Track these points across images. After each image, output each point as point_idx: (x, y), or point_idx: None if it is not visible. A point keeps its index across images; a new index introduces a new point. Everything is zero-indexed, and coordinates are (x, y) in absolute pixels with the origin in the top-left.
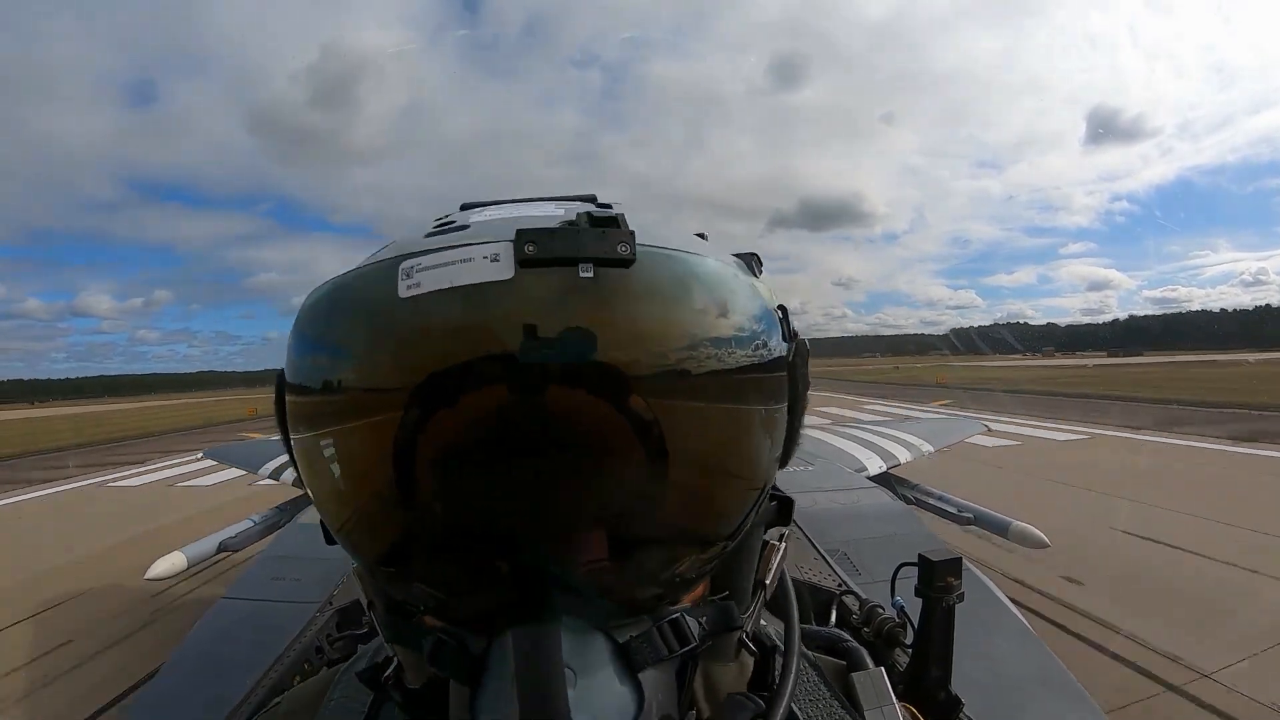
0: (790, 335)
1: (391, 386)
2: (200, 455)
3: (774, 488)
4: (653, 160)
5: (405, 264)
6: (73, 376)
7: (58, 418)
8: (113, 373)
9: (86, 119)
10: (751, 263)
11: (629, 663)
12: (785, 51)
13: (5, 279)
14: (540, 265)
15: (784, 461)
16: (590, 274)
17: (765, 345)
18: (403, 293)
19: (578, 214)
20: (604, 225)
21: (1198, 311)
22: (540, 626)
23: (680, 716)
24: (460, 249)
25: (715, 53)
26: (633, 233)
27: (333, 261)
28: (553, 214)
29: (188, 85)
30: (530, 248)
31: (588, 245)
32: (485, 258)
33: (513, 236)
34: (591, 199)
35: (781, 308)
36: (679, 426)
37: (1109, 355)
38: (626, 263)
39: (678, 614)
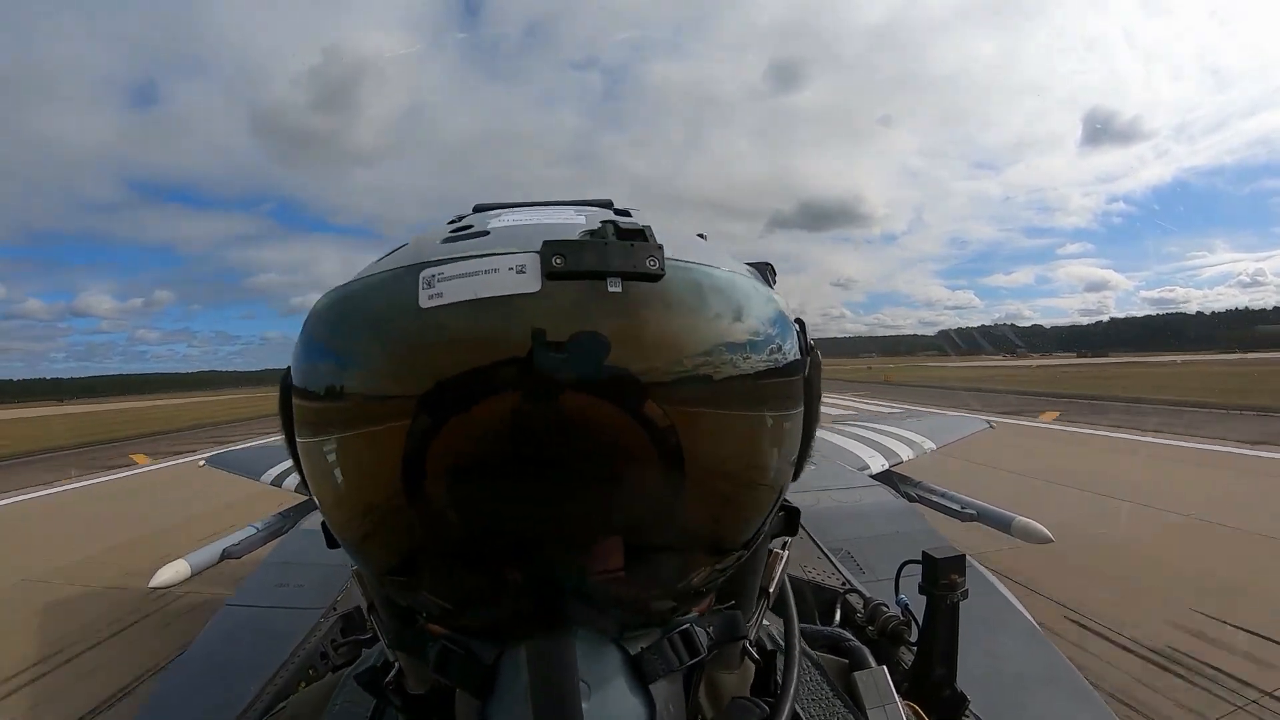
0: (807, 348)
1: (412, 396)
2: (202, 463)
3: (785, 499)
4: (653, 161)
5: (426, 273)
6: (72, 376)
7: (133, 410)
8: (112, 372)
9: (88, 120)
10: (766, 273)
11: (640, 674)
12: (784, 54)
13: (6, 279)
14: (568, 278)
15: (798, 471)
16: (618, 289)
17: (787, 359)
18: (424, 303)
19: (603, 223)
20: (631, 237)
21: (1175, 315)
22: (556, 638)
23: None
24: (484, 259)
25: (715, 54)
26: (661, 247)
27: (333, 262)
28: (573, 221)
29: (189, 87)
30: (558, 260)
31: (616, 259)
32: (511, 269)
33: (538, 247)
34: (608, 204)
35: (799, 320)
36: (707, 438)
37: (1078, 356)
38: (655, 277)
39: (687, 625)
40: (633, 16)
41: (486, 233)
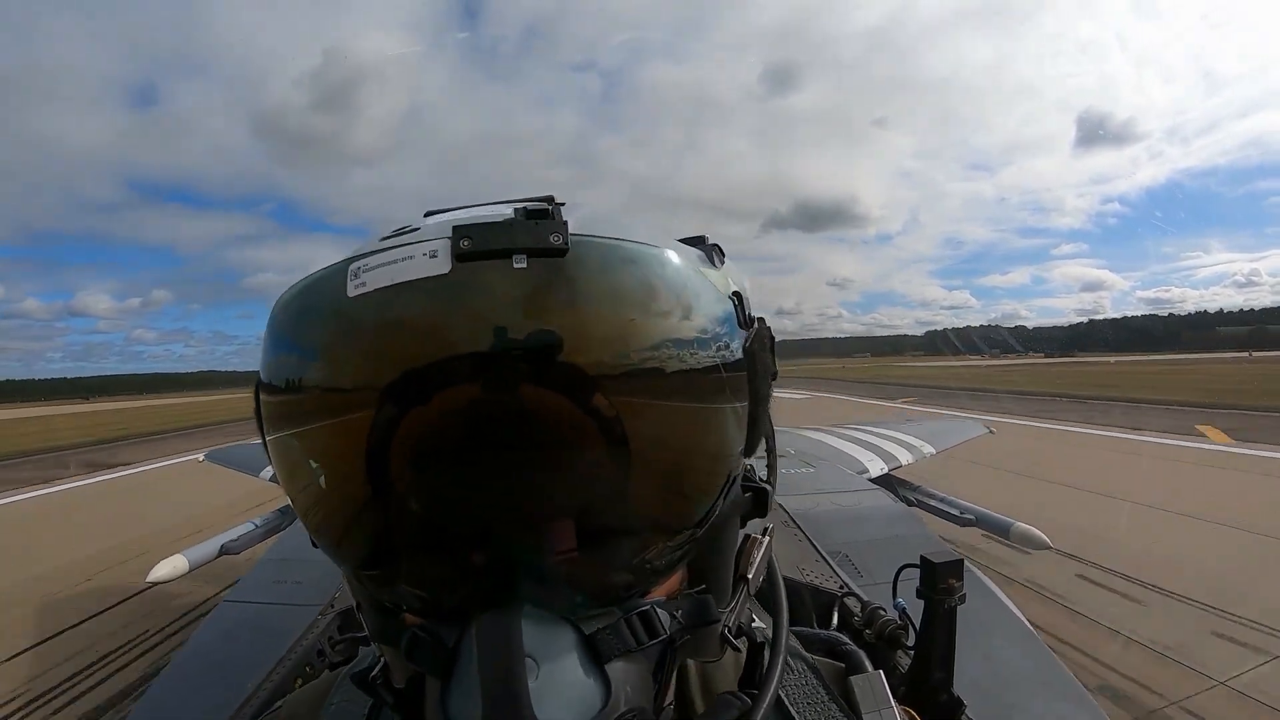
0: (747, 321)
1: (342, 384)
2: (201, 459)
3: (751, 480)
4: (652, 162)
5: (354, 265)
6: (69, 376)
7: (196, 403)
8: (109, 372)
9: (89, 120)
10: (712, 254)
11: (595, 654)
12: (780, 56)
13: (5, 279)
14: (475, 259)
15: (749, 449)
16: (523, 264)
17: (713, 329)
18: (351, 292)
19: (515, 209)
20: (538, 218)
21: (1149, 317)
22: (502, 614)
23: (656, 711)
24: (403, 248)
25: (711, 57)
26: (565, 223)
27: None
28: (503, 213)
29: (190, 88)
30: (465, 243)
31: (520, 237)
32: (425, 254)
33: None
34: (549, 200)
35: (737, 294)
36: (619, 412)
37: (1045, 356)
38: (560, 252)
39: (647, 606)
40: (630, 19)
41: (418, 229)
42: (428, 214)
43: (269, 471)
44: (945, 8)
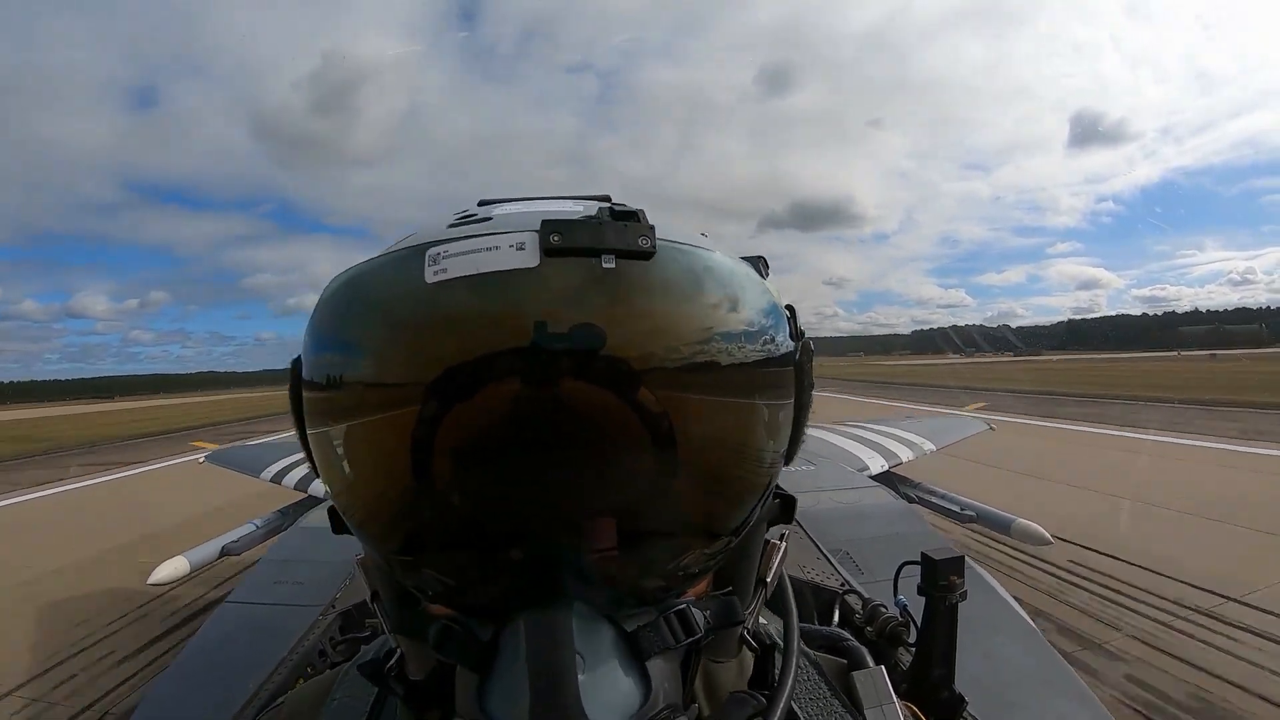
0: (797, 334)
1: (418, 373)
2: (202, 460)
3: (777, 485)
4: (648, 162)
5: (432, 250)
6: (67, 378)
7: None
8: (106, 374)
9: (88, 122)
10: (759, 265)
11: (636, 651)
12: (775, 58)
13: (3, 281)
14: (564, 255)
15: (789, 458)
16: (612, 265)
17: (774, 342)
18: (430, 278)
19: (599, 208)
20: (625, 219)
21: (1123, 316)
22: (552, 611)
23: (685, 706)
24: (487, 237)
25: (707, 58)
26: (653, 227)
27: (328, 263)
28: (572, 209)
29: (189, 90)
30: (555, 238)
31: (610, 237)
32: (512, 246)
33: (537, 227)
34: (606, 198)
35: (789, 307)
36: (692, 418)
37: (1015, 355)
38: (647, 255)
39: (685, 605)
40: (627, 20)
41: (490, 219)
42: (482, 203)
43: (270, 472)
44: (942, 8)
